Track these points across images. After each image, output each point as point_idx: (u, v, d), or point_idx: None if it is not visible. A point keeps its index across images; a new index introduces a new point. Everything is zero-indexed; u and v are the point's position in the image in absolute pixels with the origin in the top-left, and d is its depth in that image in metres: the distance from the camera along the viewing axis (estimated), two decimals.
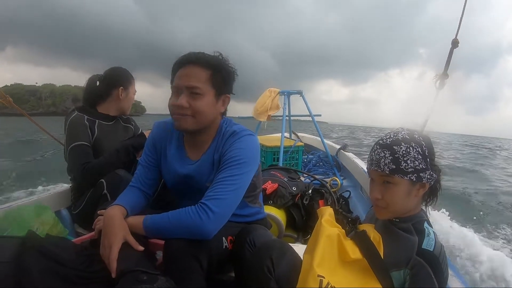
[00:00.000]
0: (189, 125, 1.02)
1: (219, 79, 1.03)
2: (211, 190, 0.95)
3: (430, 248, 0.75)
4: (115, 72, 1.66)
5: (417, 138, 0.80)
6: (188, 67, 1.01)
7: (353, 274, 0.79)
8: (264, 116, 2.96)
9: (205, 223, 0.89)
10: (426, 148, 0.80)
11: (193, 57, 1.01)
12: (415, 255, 0.75)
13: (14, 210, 1.25)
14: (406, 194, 0.80)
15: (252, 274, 0.86)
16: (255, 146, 1.06)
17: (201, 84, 0.99)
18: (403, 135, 0.80)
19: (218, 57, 1.05)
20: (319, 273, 0.73)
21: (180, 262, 0.88)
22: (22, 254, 0.83)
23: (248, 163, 1.01)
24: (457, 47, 1.61)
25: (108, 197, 1.36)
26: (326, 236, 0.80)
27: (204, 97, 1.00)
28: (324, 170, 3.16)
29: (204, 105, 1.00)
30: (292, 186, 1.89)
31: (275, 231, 1.61)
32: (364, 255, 0.79)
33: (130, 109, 1.74)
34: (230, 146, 1.02)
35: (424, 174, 0.79)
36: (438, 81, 1.61)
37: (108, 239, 0.89)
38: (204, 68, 1.00)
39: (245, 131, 1.08)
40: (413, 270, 0.74)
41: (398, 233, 0.82)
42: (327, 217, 0.85)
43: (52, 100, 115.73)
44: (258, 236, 1.03)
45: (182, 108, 0.99)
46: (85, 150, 1.47)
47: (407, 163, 0.78)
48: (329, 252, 0.78)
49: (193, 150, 1.12)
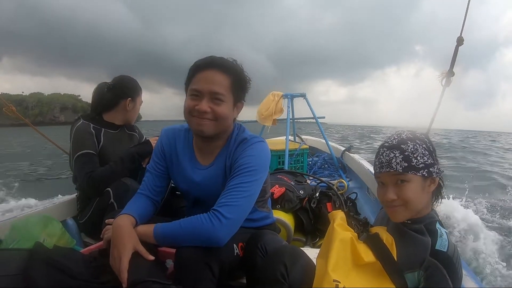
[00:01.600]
0: (210, 130, 1.01)
1: (238, 87, 1.04)
2: (223, 197, 0.94)
3: (443, 248, 0.75)
4: (124, 83, 1.64)
5: (420, 136, 0.84)
6: (211, 71, 0.99)
7: (367, 277, 0.78)
8: (269, 121, 2.94)
9: (217, 230, 0.88)
10: (430, 145, 0.83)
11: (217, 62, 1.00)
12: (428, 256, 0.75)
13: (20, 221, 1.24)
14: (420, 190, 0.81)
15: (266, 280, 0.85)
16: (266, 153, 1.06)
17: (223, 91, 0.99)
18: (406, 135, 0.83)
19: (237, 64, 1.05)
20: (334, 278, 0.73)
21: (192, 270, 0.87)
22: (30, 267, 0.82)
23: (260, 170, 1.01)
24: (462, 44, 1.60)
25: (115, 206, 1.34)
26: (339, 240, 0.79)
27: (225, 103, 1.01)
28: (330, 172, 3.14)
29: (225, 111, 1.01)
30: (299, 190, 1.87)
31: (283, 235, 1.59)
32: (377, 257, 0.78)
33: (135, 119, 1.73)
34: (242, 153, 1.02)
35: (434, 169, 0.81)
36: (444, 79, 1.60)
37: (118, 250, 0.88)
38: (226, 74, 1.00)
39: (256, 138, 1.08)
40: (427, 272, 0.74)
41: (411, 234, 0.81)
42: (339, 221, 0.85)
43: (39, 110, 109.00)
44: (269, 241, 1.02)
45: (205, 113, 0.99)
46: (91, 159, 1.46)
47: (417, 159, 0.80)
48: (343, 256, 0.78)
49: (204, 155, 1.11)
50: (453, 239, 2.30)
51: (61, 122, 49.44)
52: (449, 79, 1.58)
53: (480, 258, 2.71)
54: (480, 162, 9.73)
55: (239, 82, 1.04)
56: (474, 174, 6.70)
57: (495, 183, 6.19)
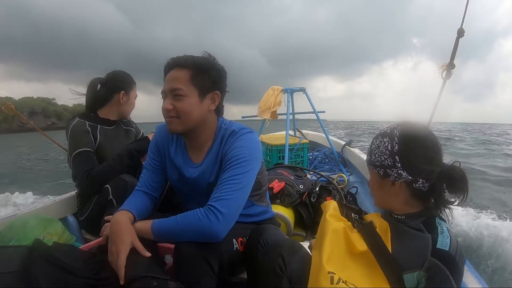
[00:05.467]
0: (177, 127, 1.03)
1: (202, 78, 1.02)
2: (216, 192, 0.94)
3: (445, 247, 0.71)
4: (116, 76, 1.64)
5: (394, 134, 0.79)
6: (171, 71, 1.02)
7: (363, 266, 0.77)
8: (267, 113, 2.93)
9: (214, 225, 0.87)
10: (397, 145, 0.77)
11: (176, 61, 1.02)
12: (429, 256, 0.70)
13: (20, 220, 1.24)
14: (378, 187, 0.83)
15: (264, 274, 0.85)
16: (255, 143, 1.05)
17: (181, 85, 0.99)
18: (390, 129, 0.81)
19: (201, 57, 1.05)
20: (329, 270, 0.72)
21: (190, 265, 0.87)
22: (30, 264, 0.82)
23: (251, 161, 1.00)
24: (462, 36, 1.58)
25: (114, 202, 1.35)
26: (332, 230, 0.78)
27: (186, 98, 1.00)
28: (330, 166, 3.13)
29: (187, 106, 1.00)
30: (299, 184, 1.87)
31: (283, 230, 1.59)
32: (369, 247, 0.76)
33: (130, 113, 1.72)
34: (231, 146, 1.02)
35: (391, 171, 0.77)
36: (445, 71, 1.58)
37: (116, 246, 0.88)
38: (184, 69, 1.01)
39: (245, 129, 1.07)
40: (429, 272, 0.69)
41: (409, 231, 0.77)
42: (331, 211, 0.85)
43: (3, 116, 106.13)
44: (271, 236, 1.01)
45: (168, 111, 1.01)
46: (88, 157, 1.46)
47: (375, 156, 0.81)
48: (336, 246, 0.77)
49: (195, 152, 1.11)
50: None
51: (30, 128, 43.54)
52: (450, 71, 1.56)
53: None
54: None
55: (203, 73, 1.02)
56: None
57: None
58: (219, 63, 1.07)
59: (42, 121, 64.38)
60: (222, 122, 1.11)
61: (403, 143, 0.77)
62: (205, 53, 1.06)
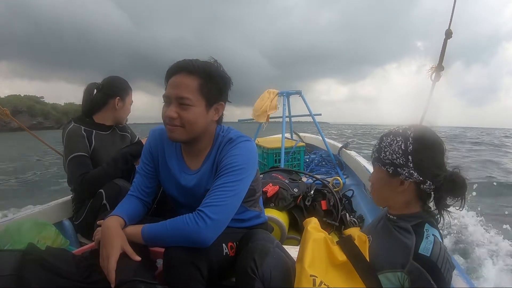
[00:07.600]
0: (179, 136, 1.01)
1: (210, 88, 0.99)
2: (208, 197, 0.94)
3: (426, 253, 0.73)
4: (112, 82, 1.66)
5: (408, 134, 0.81)
6: (178, 75, 0.98)
7: (345, 275, 0.80)
8: (264, 117, 2.95)
9: (202, 231, 0.88)
10: (411, 145, 0.79)
11: (184, 65, 0.98)
12: (411, 259, 0.74)
13: (15, 224, 1.26)
14: (383, 184, 0.84)
15: (239, 276, 0.89)
16: (252, 152, 1.05)
17: (190, 95, 0.96)
18: (402, 129, 0.82)
19: (210, 64, 1.02)
20: (311, 273, 0.74)
21: (179, 270, 0.88)
22: (23, 267, 0.84)
23: (245, 169, 0.99)
24: (450, 37, 1.59)
25: (108, 207, 1.36)
26: (313, 240, 0.82)
27: (193, 108, 0.97)
28: (327, 169, 3.14)
29: (193, 116, 0.98)
30: (294, 188, 1.87)
31: (277, 234, 1.60)
32: (348, 258, 0.80)
33: (125, 119, 1.74)
34: (227, 153, 1.01)
35: (402, 170, 0.79)
36: (434, 73, 1.60)
37: (106, 250, 0.89)
38: (193, 77, 0.97)
39: (242, 137, 1.06)
40: (411, 276, 0.73)
41: (395, 234, 0.82)
42: (312, 225, 0.88)
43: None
44: (259, 240, 1.01)
45: (172, 119, 0.98)
46: (83, 161, 1.48)
47: (385, 154, 0.81)
48: (318, 255, 0.80)
49: (192, 159, 1.11)
50: None
51: (14, 128, 38.53)
52: (439, 73, 1.58)
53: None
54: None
55: (211, 83, 0.99)
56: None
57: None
58: (224, 70, 1.04)
59: (27, 120, 62.61)
60: (220, 129, 1.10)
61: (417, 144, 0.79)
62: (211, 58, 1.03)
